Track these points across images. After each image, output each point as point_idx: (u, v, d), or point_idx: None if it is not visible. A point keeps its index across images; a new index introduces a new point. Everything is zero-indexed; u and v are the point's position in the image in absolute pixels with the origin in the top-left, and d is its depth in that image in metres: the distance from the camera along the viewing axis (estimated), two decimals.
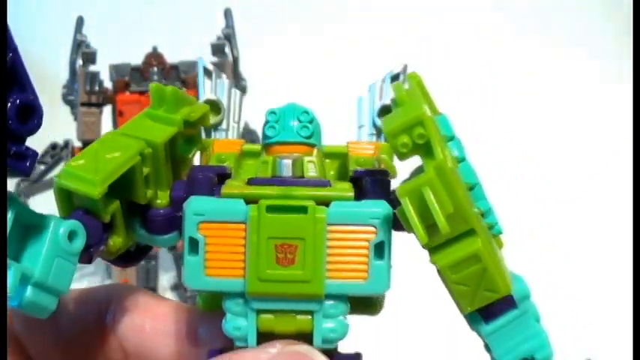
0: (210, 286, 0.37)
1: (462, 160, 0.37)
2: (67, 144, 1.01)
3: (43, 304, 0.35)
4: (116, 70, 0.98)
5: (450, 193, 0.34)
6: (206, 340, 0.42)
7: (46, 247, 0.34)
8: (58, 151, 1.00)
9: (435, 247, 0.36)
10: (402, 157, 0.35)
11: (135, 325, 0.45)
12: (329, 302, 0.37)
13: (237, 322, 0.37)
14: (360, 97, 0.45)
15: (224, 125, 0.46)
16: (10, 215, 0.33)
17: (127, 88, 0.97)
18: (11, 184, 0.99)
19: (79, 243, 0.36)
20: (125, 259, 0.41)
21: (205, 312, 0.42)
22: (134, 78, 0.98)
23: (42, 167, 1.00)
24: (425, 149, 0.34)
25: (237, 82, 1.16)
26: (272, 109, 0.41)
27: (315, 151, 0.40)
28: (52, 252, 0.35)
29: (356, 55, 1.59)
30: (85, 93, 0.97)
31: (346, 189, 0.38)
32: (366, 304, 0.40)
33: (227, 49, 1.15)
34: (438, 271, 0.37)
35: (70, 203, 0.37)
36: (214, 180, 0.38)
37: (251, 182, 0.38)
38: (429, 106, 0.37)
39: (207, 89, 0.46)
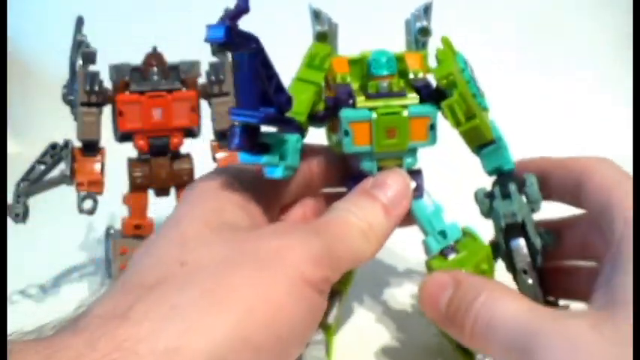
0: (356, 150, 0.67)
1: (462, 70, 0.67)
2: (67, 144, 1.00)
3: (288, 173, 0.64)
4: (116, 70, 0.98)
5: (466, 103, 0.66)
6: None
7: (290, 148, 0.63)
8: (57, 151, 0.99)
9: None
10: (446, 87, 0.67)
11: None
12: (409, 152, 0.69)
13: (368, 164, 0.68)
14: (407, 19, 0.74)
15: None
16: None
17: (126, 88, 0.97)
18: (11, 184, 0.99)
19: (300, 144, 0.65)
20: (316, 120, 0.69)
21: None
22: (134, 78, 0.97)
23: (42, 167, 1.00)
24: (454, 84, 0.66)
25: None
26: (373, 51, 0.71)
27: (396, 75, 0.69)
28: (293, 150, 0.64)
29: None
30: (85, 93, 0.96)
31: (414, 97, 0.69)
32: None
33: None
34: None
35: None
36: (351, 94, 0.68)
37: (369, 96, 0.68)
38: (453, 57, 0.67)
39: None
